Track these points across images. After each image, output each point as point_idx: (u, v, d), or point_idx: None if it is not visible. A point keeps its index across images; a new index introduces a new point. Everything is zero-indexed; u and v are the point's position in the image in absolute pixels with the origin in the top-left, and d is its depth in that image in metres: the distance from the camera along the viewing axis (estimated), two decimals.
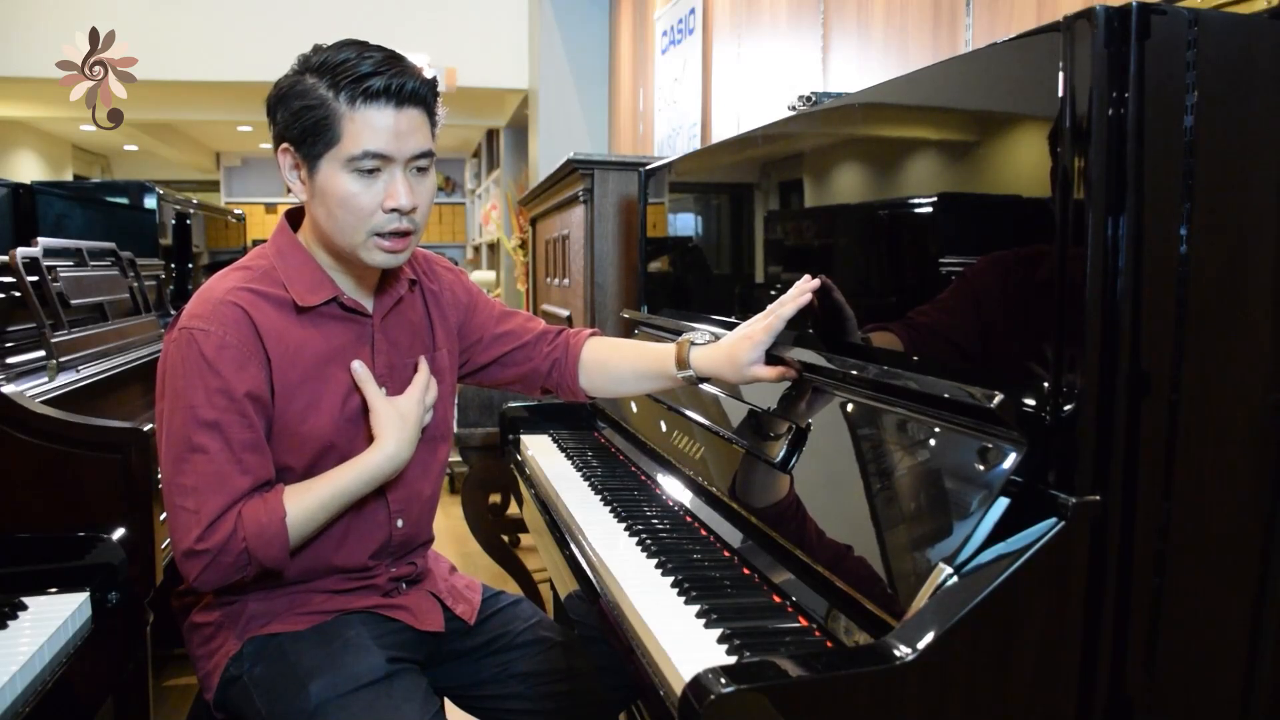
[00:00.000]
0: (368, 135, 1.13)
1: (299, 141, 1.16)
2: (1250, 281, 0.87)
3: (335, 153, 1.14)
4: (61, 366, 1.88)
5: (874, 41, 2.18)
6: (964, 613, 0.79)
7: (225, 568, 1.12)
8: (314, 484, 1.18)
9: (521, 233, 4.96)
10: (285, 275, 1.22)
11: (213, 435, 1.13)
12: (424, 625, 1.30)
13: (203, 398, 1.13)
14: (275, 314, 1.20)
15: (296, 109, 1.14)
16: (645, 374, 1.42)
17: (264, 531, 1.12)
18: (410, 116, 1.15)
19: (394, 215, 1.16)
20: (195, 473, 1.12)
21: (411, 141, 1.15)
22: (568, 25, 5.34)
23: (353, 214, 1.15)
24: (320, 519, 1.18)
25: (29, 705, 1.16)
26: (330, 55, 1.14)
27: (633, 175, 2.32)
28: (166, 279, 3.32)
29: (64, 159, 10.35)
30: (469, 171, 10.85)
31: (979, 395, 0.90)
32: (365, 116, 1.12)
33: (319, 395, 1.21)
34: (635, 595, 1.10)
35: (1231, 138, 0.85)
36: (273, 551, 1.13)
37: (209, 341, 1.14)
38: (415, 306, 1.35)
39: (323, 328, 1.23)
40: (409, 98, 1.14)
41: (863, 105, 1.21)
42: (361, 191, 1.15)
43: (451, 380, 1.40)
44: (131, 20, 5.18)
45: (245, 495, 1.14)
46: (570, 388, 1.47)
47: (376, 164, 1.14)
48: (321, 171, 1.15)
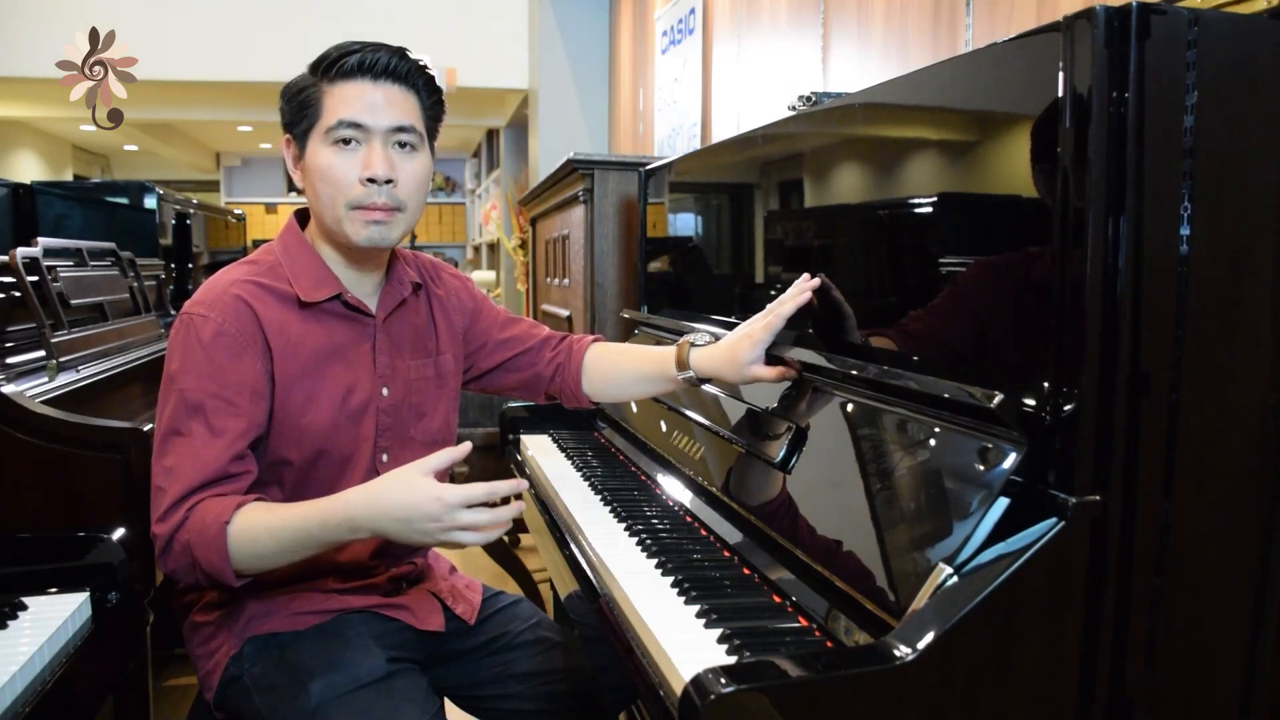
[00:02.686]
0: (342, 106, 1.17)
1: (292, 126, 1.22)
2: (1250, 281, 0.87)
3: (317, 128, 1.19)
4: (61, 366, 1.88)
5: (874, 41, 2.18)
6: (964, 613, 0.79)
7: (176, 556, 1.10)
8: (277, 508, 1.11)
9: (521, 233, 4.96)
10: (290, 271, 1.24)
11: (197, 419, 1.13)
12: (424, 625, 1.30)
13: (192, 381, 1.14)
14: (278, 307, 1.21)
15: (289, 96, 1.21)
16: (646, 377, 1.42)
17: (204, 531, 1.07)
18: (388, 90, 1.19)
19: (372, 187, 1.18)
20: (174, 453, 1.12)
21: (388, 114, 1.19)
22: (568, 25, 5.34)
23: (331, 185, 1.18)
24: (267, 546, 1.08)
25: (29, 705, 1.16)
26: (332, 50, 1.19)
27: (633, 175, 2.31)
28: (166, 279, 3.32)
29: (64, 159, 10.35)
30: (469, 171, 10.85)
31: (979, 395, 0.90)
32: (341, 90, 1.18)
33: (318, 390, 1.22)
34: (635, 595, 1.10)
35: (1231, 138, 0.85)
36: (211, 556, 1.07)
37: (206, 327, 1.16)
38: (419, 310, 1.36)
39: (325, 324, 1.24)
40: (385, 71, 1.19)
41: (863, 105, 1.21)
42: (339, 162, 1.18)
43: (455, 385, 1.40)
44: (131, 20, 5.18)
45: (212, 484, 1.11)
46: (573, 393, 1.48)
47: (352, 133, 1.18)
48: (308, 150, 1.20)
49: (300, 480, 1.22)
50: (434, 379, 1.35)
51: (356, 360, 1.26)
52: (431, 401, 1.34)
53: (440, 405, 1.36)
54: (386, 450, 1.28)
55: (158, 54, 5.09)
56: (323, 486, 1.22)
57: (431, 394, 1.35)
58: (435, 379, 1.35)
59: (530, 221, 3.60)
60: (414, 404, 1.32)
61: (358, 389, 1.25)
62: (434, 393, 1.35)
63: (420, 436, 1.33)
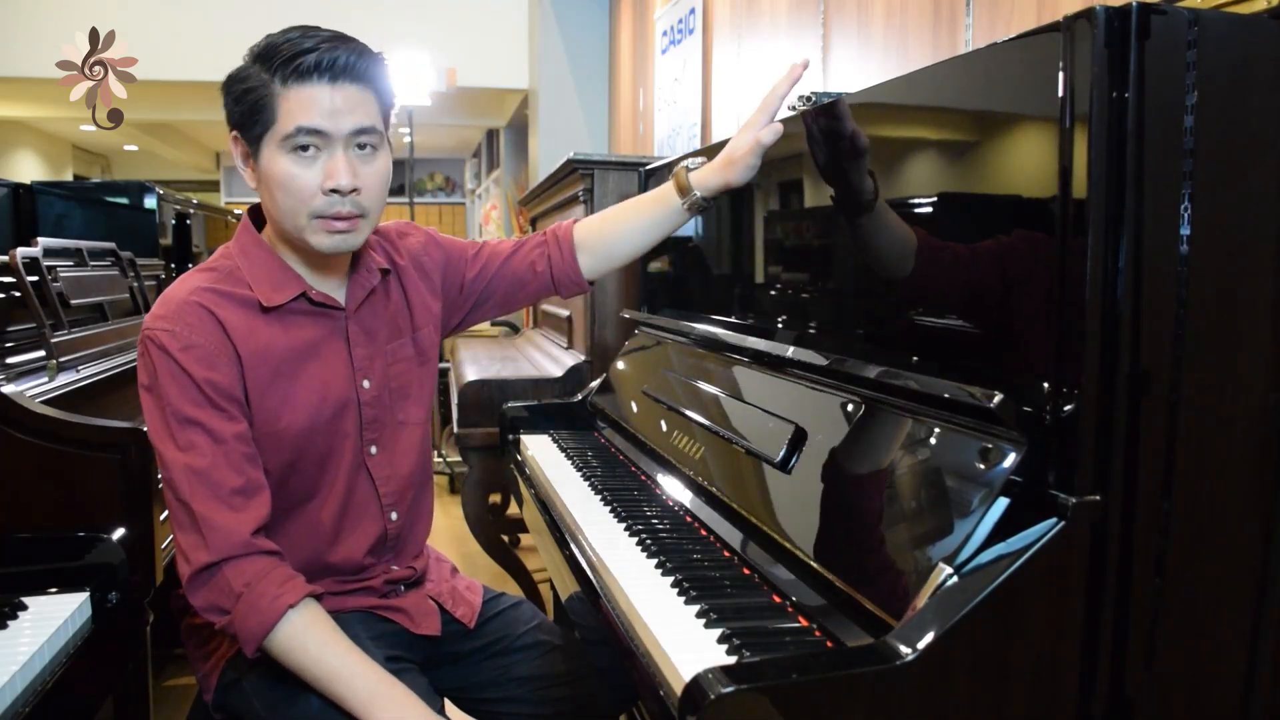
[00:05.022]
0: (300, 112, 1.10)
1: (242, 126, 1.14)
2: (1250, 281, 0.87)
3: (272, 134, 1.12)
4: (61, 366, 1.88)
5: (874, 41, 2.18)
6: (964, 613, 0.79)
7: (220, 593, 1.08)
8: (340, 635, 1.10)
9: (521, 232, 4.96)
10: (250, 274, 1.19)
11: (196, 431, 1.11)
12: (419, 628, 1.29)
13: (175, 393, 1.11)
14: (241, 313, 1.17)
15: (237, 93, 1.13)
16: (650, 220, 1.38)
17: (258, 600, 1.07)
18: (347, 92, 1.12)
19: (334, 197, 1.13)
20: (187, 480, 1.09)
21: (349, 119, 1.12)
22: (568, 25, 5.35)
23: (293, 196, 1.13)
24: (302, 658, 1.08)
25: (29, 705, 1.16)
26: (274, 39, 1.13)
27: (633, 175, 2.31)
28: (166, 279, 3.32)
29: (64, 159, 10.36)
30: (469, 171, 10.85)
31: (979, 395, 0.90)
32: (297, 94, 1.10)
33: (291, 394, 1.19)
34: (635, 595, 1.10)
35: (1231, 138, 0.85)
36: (250, 623, 1.07)
37: (174, 342, 1.12)
38: (390, 294, 1.32)
39: (292, 325, 1.21)
40: (344, 72, 1.11)
41: (863, 105, 1.21)
42: (300, 172, 1.12)
43: (434, 357, 1.36)
44: (131, 20, 5.19)
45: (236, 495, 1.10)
46: (572, 278, 1.42)
47: (312, 141, 1.11)
48: (263, 155, 1.13)
49: (281, 483, 1.20)
50: (414, 358, 1.32)
51: (331, 356, 1.23)
52: (413, 380, 1.32)
53: (424, 384, 1.33)
54: (374, 442, 1.27)
55: (158, 54, 5.10)
56: (304, 486, 1.22)
57: (414, 372, 1.32)
58: (416, 357, 1.32)
59: (530, 221, 3.60)
60: (395, 388, 1.30)
61: (335, 385, 1.22)
62: (416, 371, 1.33)
63: (405, 418, 1.30)
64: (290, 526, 1.22)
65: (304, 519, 1.23)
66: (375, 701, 1.06)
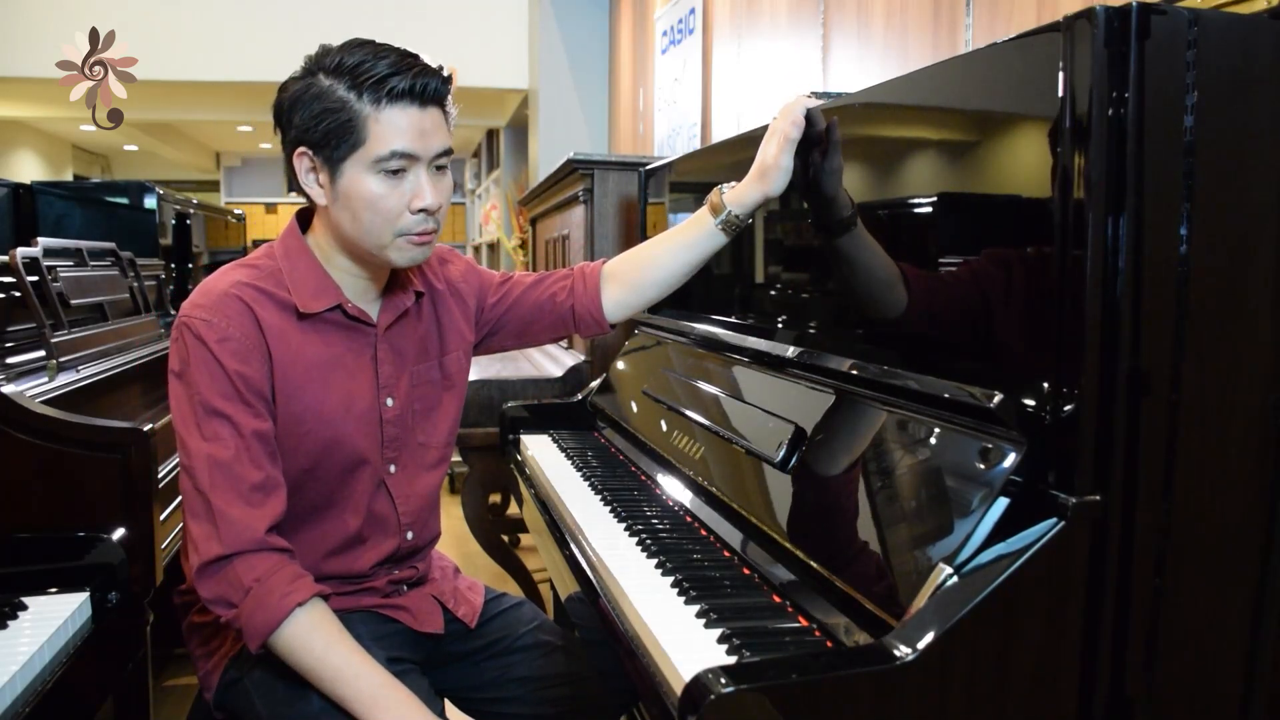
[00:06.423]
0: (394, 136, 1.12)
1: (319, 145, 1.13)
2: (1250, 281, 0.87)
3: (360, 155, 1.12)
4: (61, 366, 1.88)
5: (874, 41, 2.18)
6: (964, 613, 0.79)
7: (229, 586, 1.09)
8: (346, 635, 1.11)
9: (521, 233, 4.96)
10: (290, 279, 1.21)
11: (222, 423, 1.12)
12: (422, 627, 1.29)
13: (206, 383, 1.12)
14: (278, 315, 1.19)
15: (317, 111, 1.12)
16: (680, 242, 1.37)
17: (268, 595, 1.07)
18: (433, 115, 1.15)
19: (421, 216, 1.15)
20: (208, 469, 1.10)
21: (435, 140, 1.15)
22: (568, 25, 5.35)
23: (380, 216, 1.14)
24: (307, 659, 1.09)
25: (29, 705, 1.16)
26: (344, 57, 1.12)
27: (633, 175, 2.31)
28: (166, 279, 3.32)
29: (64, 159, 10.36)
30: (469, 171, 10.86)
31: (979, 395, 0.90)
32: (390, 117, 1.11)
33: (319, 401, 1.20)
34: (635, 595, 1.10)
35: (1231, 138, 0.85)
36: (255, 620, 1.07)
37: (210, 333, 1.13)
38: (422, 316, 1.33)
39: (324, 334, 1.22)
40: (431, 97, 1.14)
41: (863, 105, 1.21)
42: (388, 193, 1.13)
43: (462, 383, 1.38)
44: (131, 20, 5.18)
45: (255, 491, 1.11)
46: (593, 316, 1.42)
47: (403, 164, 1.13)
48: (345, 175, 1.13)
49: (297, 489, 1.20)
50: (440, 381, 1.34)
51: (358, 370, 1.24)
52: (437, 403, 1.33)
53: (449, 406, 1.35)
54: (394, 461, 1.28)
55: (158, 54, 5.10)
56: (321, 495, 1.22)
57: (437, 396, 1.33)
58: (441, 381, 1.34)
59: (530, 221, 3.60)
60: (419, 410, 1.31)
61: (359, 400, 1.23)
62: (440, 394, 1.34)
63: (426, 440, 1.32)
64: (305, 534, 1.22)
65: (319, 529, 1.23)
66: (378, 704, 1.07)
